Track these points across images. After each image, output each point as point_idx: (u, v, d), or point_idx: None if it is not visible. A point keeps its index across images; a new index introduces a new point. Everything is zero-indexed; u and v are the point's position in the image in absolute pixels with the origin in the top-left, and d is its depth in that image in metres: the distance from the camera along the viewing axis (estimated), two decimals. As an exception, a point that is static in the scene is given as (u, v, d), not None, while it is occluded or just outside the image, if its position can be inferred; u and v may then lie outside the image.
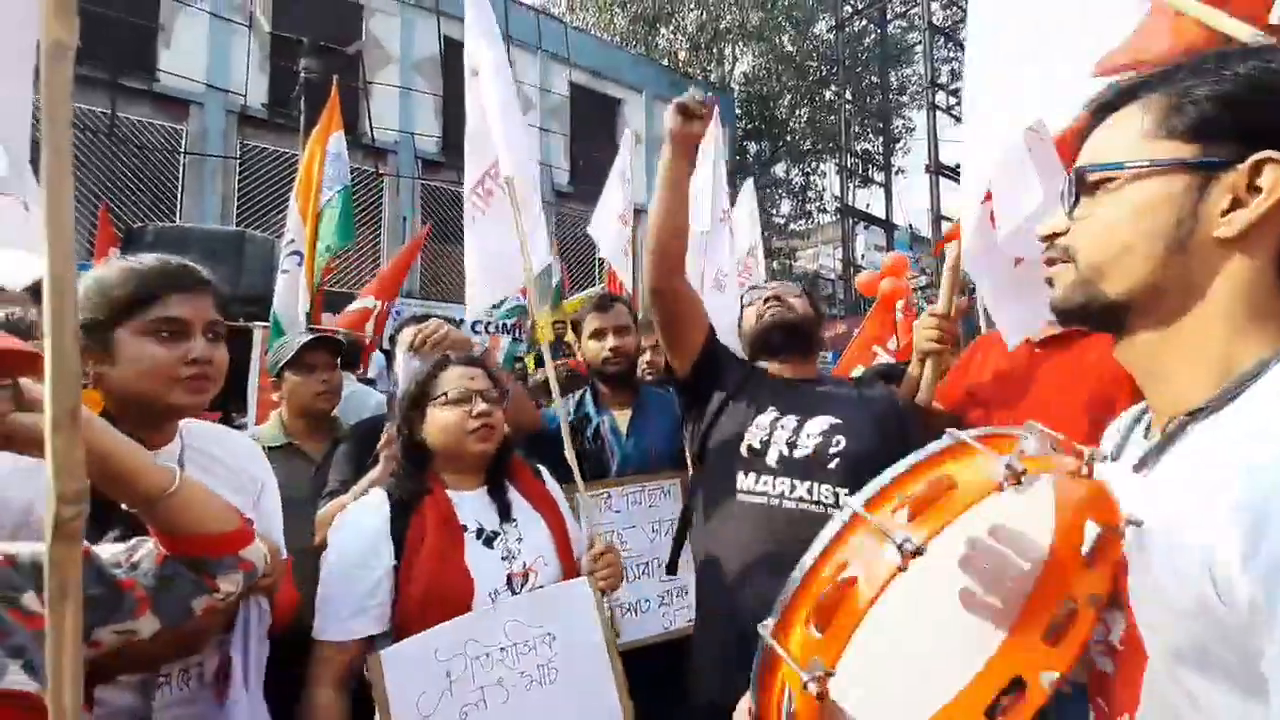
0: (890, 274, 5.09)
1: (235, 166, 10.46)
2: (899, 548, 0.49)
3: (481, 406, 1.47)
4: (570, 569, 1.50)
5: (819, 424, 1.52)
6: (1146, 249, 0.60)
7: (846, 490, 1.43)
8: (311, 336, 2.23)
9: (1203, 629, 0.53)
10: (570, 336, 1.98)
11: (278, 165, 10.55)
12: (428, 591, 1.33)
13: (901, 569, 0.49)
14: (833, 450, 1.48)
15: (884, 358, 3.73)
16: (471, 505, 1.49)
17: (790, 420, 1.55)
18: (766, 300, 1.71)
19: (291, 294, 3.75)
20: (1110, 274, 0.63)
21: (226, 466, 1.23)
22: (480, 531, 1.47)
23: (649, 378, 2.67)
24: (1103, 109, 0.66)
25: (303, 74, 5.86)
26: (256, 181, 10.61)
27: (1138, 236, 0.61)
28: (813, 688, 0.49)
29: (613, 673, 1.36)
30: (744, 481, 1.51)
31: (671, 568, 1.93)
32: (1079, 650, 0.65)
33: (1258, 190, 0.56)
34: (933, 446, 0.57)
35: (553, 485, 1.67)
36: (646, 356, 2.70)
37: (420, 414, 1.49)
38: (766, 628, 0.53)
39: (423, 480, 1.47)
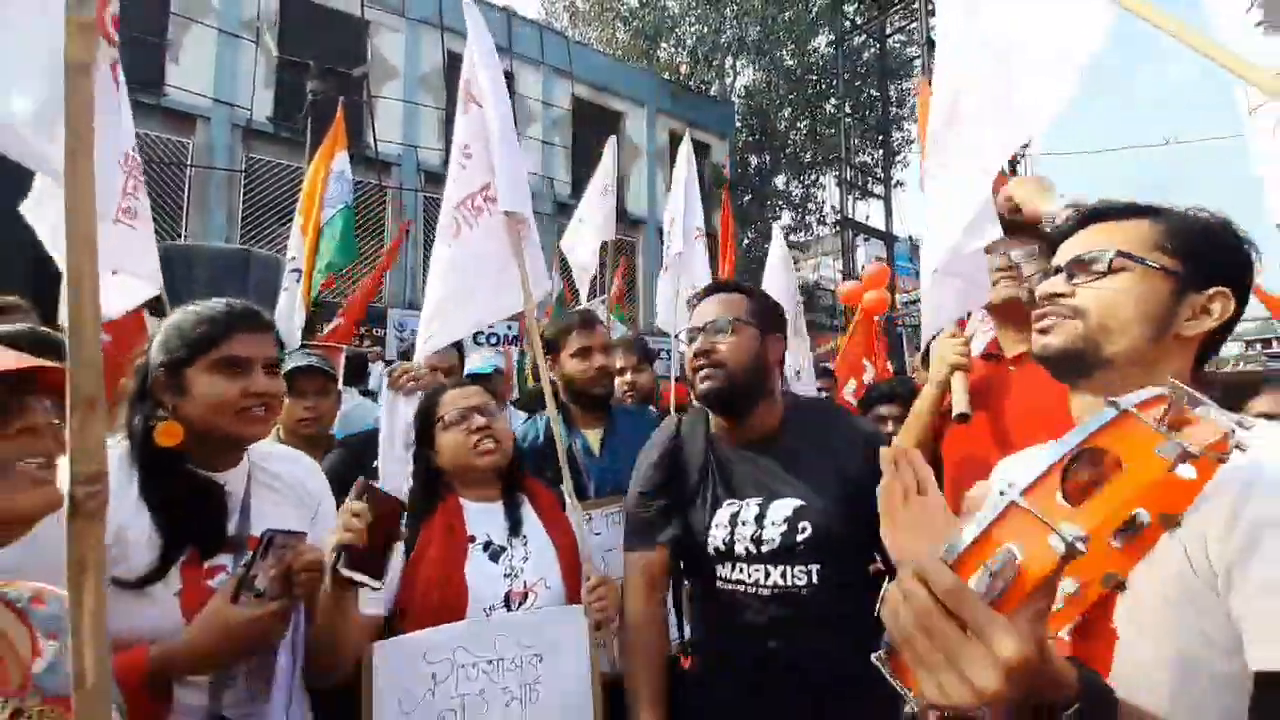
0: (871, 286, 5.11)
1: (240, 180, 10.56)
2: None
3: (479, 421, 1.55)
4: (574, 593, 1.51)
5: (782, 509, 1.43)
6: (1142, 327, 0.80)
7: (819, 568, 1.40)
8: (299, 363, 2.21)
9: (1182, 604, 0.68)
10: (539, 356, 1.88)
11: (283, 179, 10.66)
12: (424, 596, 1.36)
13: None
14: (800, 538, 1.41)
15: (872, 372, 3.72)
16: (483, 517, 1.53)
17: (751, 508, 1.45)
18: (696, 355, 1.48)
19: (289, 309, 3.79)
20: (1112, 336, 0.81)
21: (288, 484, 1.34)
22: (488, 545, 1.49)
23: (630, 398, 2.62)
24: (1098, 215, 0.87)
25: (310, 95, 5.97)
26: (262, 195, 10.71)
27: (1138, 316, 0.80)
28: (1062, 547, 0.51)
29: (593, 703, 1.38)
30: (722, 570, 1.47)
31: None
32: (1076, 619, 0.73)
33: (1209, 312, 0.80)
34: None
35: (570, 506, 1.66)
36: (628, 377, 2.64)
37: (431, 443, 1.59)
38: (1016, 488, 0.55)
39: (434, 497, 1.52)
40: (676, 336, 1.66)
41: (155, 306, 3.40)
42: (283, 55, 10.62)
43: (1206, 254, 0.80)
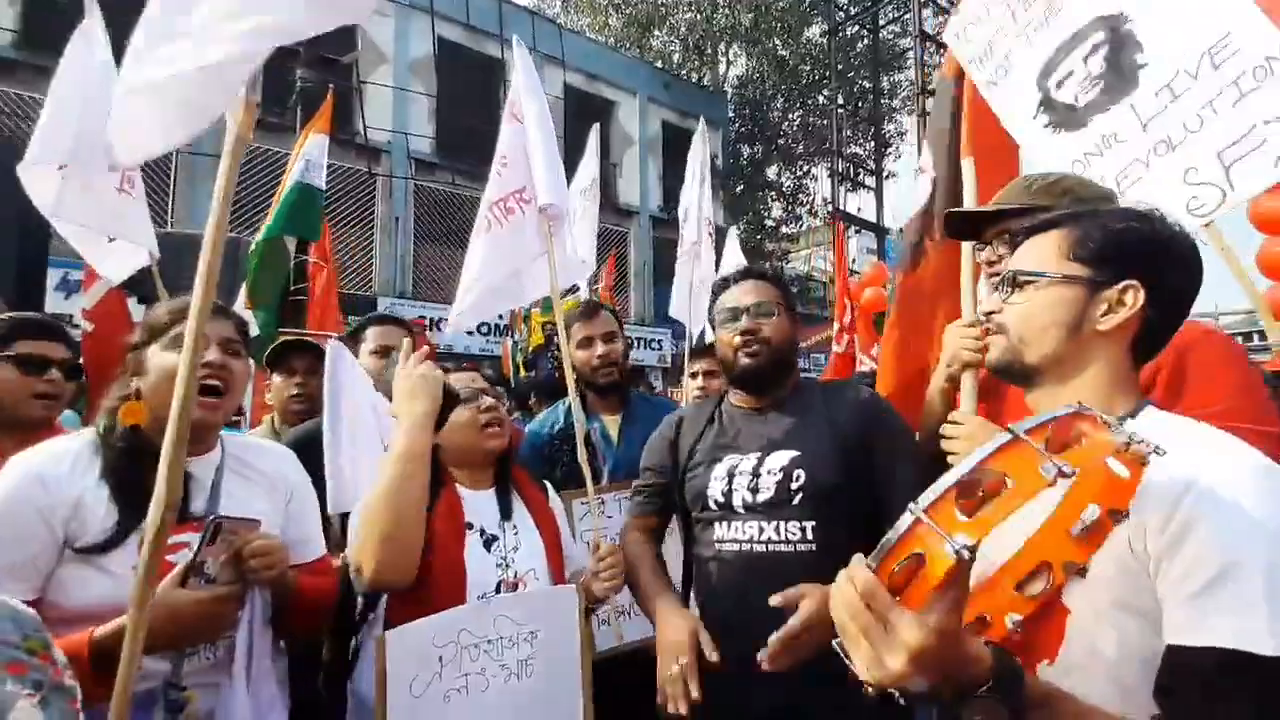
0: (871, 283, 5.18)
1: (227, 166, 10.42)
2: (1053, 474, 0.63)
3: (489, 401, 1.59)
4: (560, 582, 1.57)
5: (778, 460, 1.51)
6: (1055, 332, 0.89)
7: (814, 525, 1.46)
8: (286, 339, 2.26)
9: (1121, 580, 0.78)
10: (564, 342, 2.00)
11: (271, 166, 10.53)
12: (426, 581, 1.38)
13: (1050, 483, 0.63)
14: (794, 486, 1.48)
15: (869, 365, 3.76)
16: (477, 504, 1.56)
17: (749, 461, 1.54)
18: (742, 335, 1.58)
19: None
20: (1030, 346, 0.91)
21: (261, 473, 1.37)
22: (482, 532, 1.53)
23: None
24: (1030, 231, 0.96)
25: (298, 81, 5.90)
26: (249, 182, 10.58)
27: (1049, 323, 0.90)
28: (953, 554, 0.61)
29: (581, 677, 1.44)
30: (719, 531, 1.53)
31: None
32: (1042, 601, 0.83)
33: (1124, 304, 0.87)
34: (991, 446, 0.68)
35: (555, 500, 1.73)
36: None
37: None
38: (920, 504, 0.64)
39: (437, 484, 1.52)
40: (714, 322, 1.69)
41: (143, 295, 3.39)
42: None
43: (1114, 252, 0.88)
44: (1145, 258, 0.87)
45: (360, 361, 2.16)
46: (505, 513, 1.58)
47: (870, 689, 0.67)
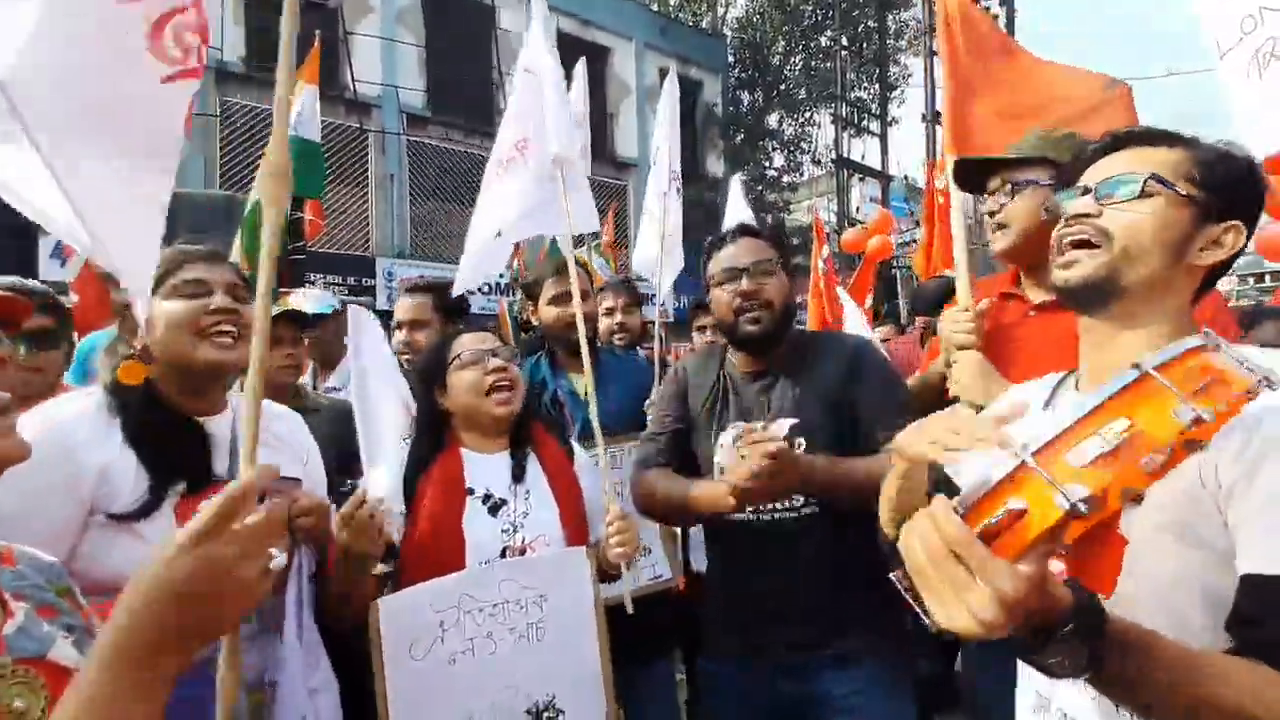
0: (877, 231, 5.07)
1: (216, 125, 10.18)
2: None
3: (496, 362, 1.51)
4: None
5: (780, 428, 1.48)
6: (1159, 252, 0.83)
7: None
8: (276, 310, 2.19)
9: (1186, 509, 0.75)
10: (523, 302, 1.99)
11: (261, 123, 10.27)
12: (420, 547, 1.39)
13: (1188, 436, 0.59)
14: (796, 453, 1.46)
15: (856, 318, 3.64)
16: (486, 469, 1.52)
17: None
18: (744, 296, 1.54)
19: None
20: (1134, 262, 0.84)
21: (277, 436, 1.35)
22: (488, 498, 1.49)
23: (619, 341, 2.66)
24: (1141, 138, 0.89)
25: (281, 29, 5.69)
26: (239, 141, 10.35)
27: (1158, 241, 0.83)
28: (1066, 505, 0.57)
29: (598, 640, 1.41)
30: None
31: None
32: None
33: (1221, 244, 0.84)
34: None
35: (581, 458, 1.67)
36: (618, 319, 2.70)
37: (441, 383, 1.54)
38: (1028, 449, 0.60)
39: (438, 444, 1.52)
40: (710, 282, 1.63)
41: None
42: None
43: (1228, 188, 0.84)
44: (1250, 202, 0.85)
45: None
46: (518, 476, 1.53)
47: (939, 629, 0.64)
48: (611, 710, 1.40)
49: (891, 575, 0.66)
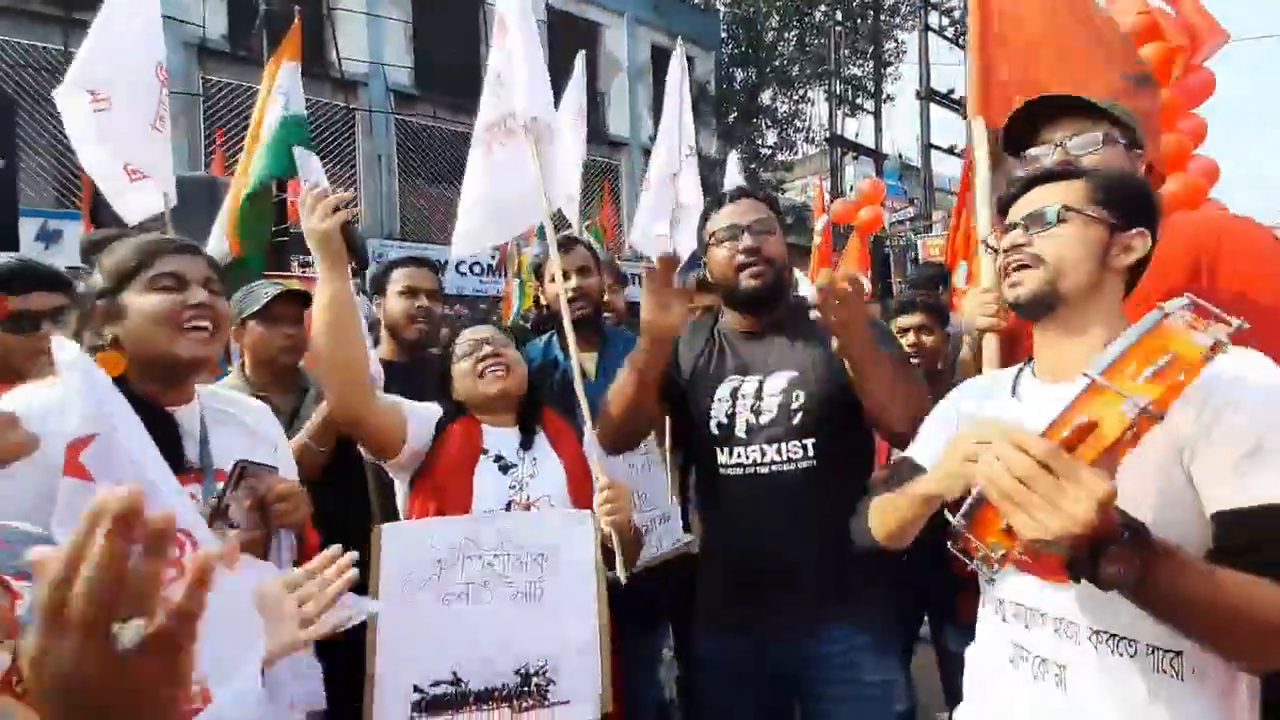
0: (868, 202, 5.03)
1: (199, 104, 9.98)
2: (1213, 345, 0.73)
3: (487, 349, 1.64)
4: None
5: (778, 381, 1.54)
6: (1086, 263, 1.01)
7: (814, 441, 1.50)
8: (281, 289, 2.10)
9: (1167, 484, 0.87)
10: (530, 279, 1.97)
11: (243, 101, 10.06)
12: (432, 494, 1.47)
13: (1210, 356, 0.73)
14: (795, 406, 1.51)
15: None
16: (500, 437, 1.62)
17: (751, 383, 1.56)
18: (746, 252, 1.55)
19: (217, 230, 3.58)
20: (1066, 274, 1.01)
21: (244, 425, 1.36)
22: (499, 458, 1.58)
23: (606, 319, 2.65)
24: (1048, 177, 1.08)
25: (263, 4, 5.52)
26: (224, 120, 10.15)
27: (1084, 255, 1.01)
28: (1134, 411, 0.71)
29: (596, 606, 1.41)
30: (722, 457, 1.55)
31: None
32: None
33: (1133, 248, 1.02)
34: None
35: (589, 438, 1.69)
36: (604, 297, 2.68)
37: (449, 378, 1.69)
38: (1095, 368, 0.74)
39: (457, 410, 1.65)
40: (710, 241, 1.63)
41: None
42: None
43: (1127, 204, 1.03)
44: (1148, 211, 1.04)
45: (388, 303, 2.24)
46: (526, 445, 1.62)
47: (1011, 555, 0.77)
48: (607, 687, 1.36)
49: (954, 520, 0.79)
